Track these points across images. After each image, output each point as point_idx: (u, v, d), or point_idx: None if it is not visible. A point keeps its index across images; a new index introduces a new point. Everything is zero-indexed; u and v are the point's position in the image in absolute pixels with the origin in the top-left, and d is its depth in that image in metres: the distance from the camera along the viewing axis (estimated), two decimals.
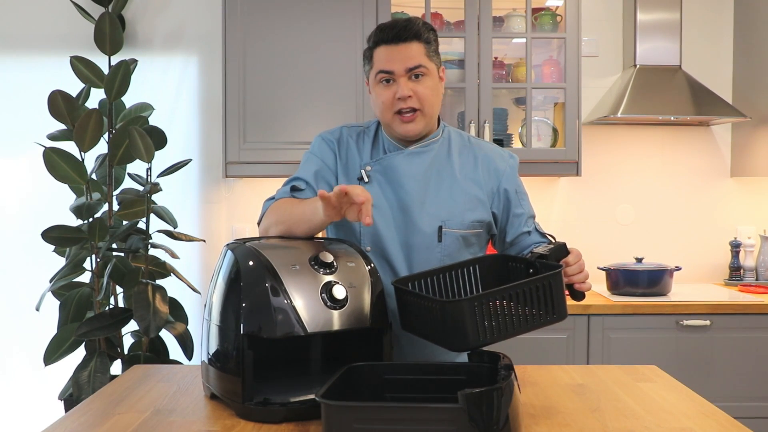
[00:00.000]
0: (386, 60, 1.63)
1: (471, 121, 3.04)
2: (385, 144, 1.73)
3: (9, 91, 3.32)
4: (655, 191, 3.45)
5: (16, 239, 3.31)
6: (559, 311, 1.35)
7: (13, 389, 3.34)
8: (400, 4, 3.16)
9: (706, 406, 1.41)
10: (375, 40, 1.66)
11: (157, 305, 2.63)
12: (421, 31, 1.64)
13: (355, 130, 1.77)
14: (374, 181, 1.69)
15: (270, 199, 1.69)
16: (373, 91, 1.69)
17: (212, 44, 3.29)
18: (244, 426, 1.29)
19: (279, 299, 1.31)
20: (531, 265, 1.48)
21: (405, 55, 1.62)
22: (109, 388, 1.54)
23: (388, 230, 1.67)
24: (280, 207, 1.63)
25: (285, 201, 1.65)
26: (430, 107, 1.66)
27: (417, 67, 1.62)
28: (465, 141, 1.78)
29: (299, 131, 3.02)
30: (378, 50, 1.65)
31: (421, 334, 1.42)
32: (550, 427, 1.27)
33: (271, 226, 1.61)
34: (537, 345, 2.83)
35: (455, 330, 1.28)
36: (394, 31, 1.63)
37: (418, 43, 1.63)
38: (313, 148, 1.76)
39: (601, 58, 3.39)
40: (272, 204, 1.66)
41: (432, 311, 1.33)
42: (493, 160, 1.76)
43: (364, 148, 1.73)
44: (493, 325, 1.28)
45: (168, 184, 3.02)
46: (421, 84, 1.63)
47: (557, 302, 1.35)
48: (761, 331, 2.87)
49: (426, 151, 1.71)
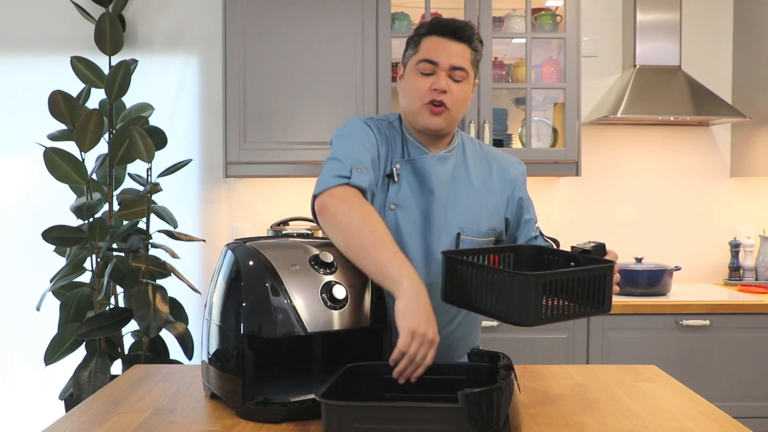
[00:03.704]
0: (434, 51, 1.62)
1: (471, 121, 3.04)
2: (408, 144, 1.69)
3: (9, 91, 3.33)
4: (655, 191, 3.45)
5: (16, 239, 3.32)
6: (608, 303, 1.36)
7: (13, 389, 3.34)
8: (400, 4, 3.17)
9: (706, 405, 1.41)
10: (428, 29, 1.65)
11: (157, 305, 2.63)
12: (475, 38, 1.64)
13: (384, 123, 1.71)
14: (403, 180, 1.66)
15: (339, 177, 1.50)
16: (408, 77, 1.66)
17: (212, 44, 3.29)
18: (244, 426, 1.29)
19: (279, 299, 1.31)
20: (573, 258, 1.47)
21: (454, 53, 1.61)
22: (109, 387, 1.54)
23: (412, 233, 1.64)
24: (364, 220, 1.45)
25: (369, 212, 1.47)
26: (457, 110, 1.64)
27: (461, 68, 1.61)
28: (477, 148, 1.78)
29: (299, 131, 3.02)
30: (428, 39, 1.64)
31: (469, 305, 1.40)
32: (550, 427, 1.27)
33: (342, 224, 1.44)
34: (537, 345, 2.83)
35: (518, 303, 1.27)
36: (450, 27, 1.63)
37: (468, 47, 1.63)
38: (357, 131, 1.65)
39: (601, 58, 3.40)
40: (346, 187, 1.49)
41: (494, 283, 1.32)
42: (506, 169, 1.77)
43: (395, 143, 1.69)
44: (552, 305, 1.29)
45: (168, 184, 3.03)
46: (457, 85, 1.62)
47: (608, 294, 1.36)
48: (761, 330, 2.87)
49: (450, 157, 1.70)
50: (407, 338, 1.29)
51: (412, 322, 1.30)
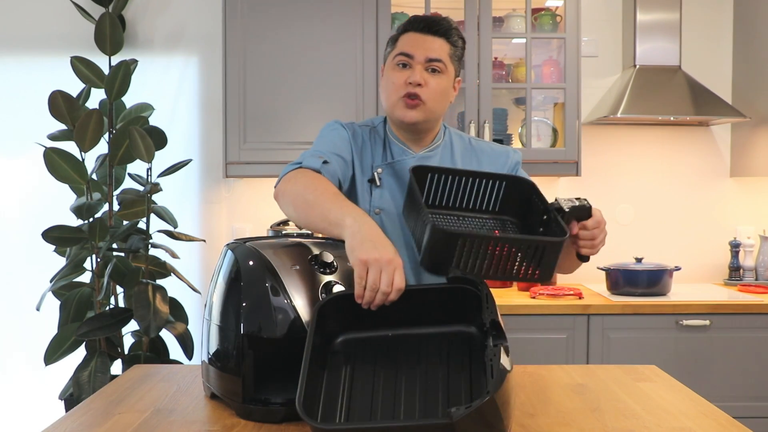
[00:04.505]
0: (410, 44, 1.64)
1: (471, 121, 3.04)
2: (392, 146, 1.71)
3: (9, 91, 3.33)
4: (655, 191, 3.45)
5: (16, 239, 3.32)
6: (542, 276, 1.36)
7: (13, 389, 3.34)
8: (400, 4, 3.17)
9: (706, 405, 1.41)
10: (405, 26, 1.67)
11: (157, 305, 2.63)
12: (452, 32, 1.66)
13: (367, 129, 1.74)
14: (385, 185, 1.68)
15: (295, 165, 1.59)
16: (387, 73, 1.68)
17: (212, 44, 3.29)
18: (244, 426, 1.29)
19: (279, 299, 1.31)
20: (547, 212, 1.46)
21: (430, 46, 1.63)
22: (109, 387, 1.54)
23: (398, 236, 1.65)
24: (309, 183, 1.49)
25: (315, 177, 1.53)
26: (434, 103, 1.64)
27: (437, 60, 1.62)
28: (466, 143, 1.78)
29: (299, 131, 3.02)
30: (405, 35, 1.66)
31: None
32: (550, 427, 1.27)
33: (291, 195, 1.50)
34: (537, 345, 2.83)
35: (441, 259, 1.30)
36: (426, 21, 1.65)
37: (445, 41, 1.65)
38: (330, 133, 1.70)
39: (601, 59, 3.40)
40: (299, 170, 1.56)
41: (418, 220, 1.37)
42: (497, 161, 1.76)
43: (376, 148, 1.71)
44: (480, 263, 1.31)
45: (168, 184, 3.03)
46: (434, 78, 1.63)
47: (543, 267, 1.35)
48: (761, 330, 2.87)
49: (434, 155, 1.71)
50: (361, 270, 1.24)
51: (361, 253, 1.26)
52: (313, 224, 1.43)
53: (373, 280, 1.24)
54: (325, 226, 1.39)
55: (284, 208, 1.54)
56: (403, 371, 1.27)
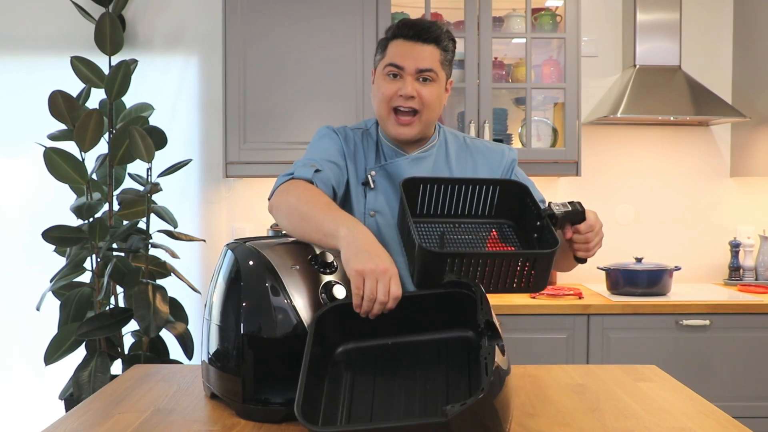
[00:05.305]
0: (400, 55, 1.61)
1: (471, 121, 3.04)
2: (385, 148, 1.71)
3: (9, 91, 3.33)
4: (655, 191, 3.45)
5: (16, 239, 3.32)
6: (536, 286, 1.37)
7: (13, 389, 3.34)
8: (400, 4, 3.17)
9: (706, 405, 1.41)
10: (394, 32, 1.64)
11: (157, 305, 2.63)
12: (442, 38, 1.62)
13: (359, 132, 1.73)
14: (379, 187, 1.67)
15: (287, 176, 1.58)
16: (377, 82, 1.66)
17: (212, 44, 3.29)
18: (244, 426, 1.29)
19: (279, 299, 1.31)
20: (540, 218, 1.45)
21: (419, 56, 1.60)
22: (109, 387, 1.54)
23: (394, 237, 1.64)
24: (302, 194, 1.47)
25: (308, 188, 1.51)
26: (429, 113, 1.64)
27: (428, 70, 1.61)
28: (461, 143, 1.77)
29: (299, 131, 3.02)
30: (394, 42, 1.63)
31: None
32: (550, 427, 1.27)
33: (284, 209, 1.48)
34: (537, 345, 2.83)
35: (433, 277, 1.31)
36: (415, 29, 1.61)
37: (436, 48, 1.62)
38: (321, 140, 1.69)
39: (601, 59, 3.40)
40: (291, 181, 1.54)
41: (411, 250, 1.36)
42: (492, 159, 1.75)
43: (369, 150, 1.71)
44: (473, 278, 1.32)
45: (168, 184, 3.03)
46: (426, 88, 1.62)
47: (536, 278, 1.35)
48: (761, 330, 2.87)
49: (428, 156, 1.70)
50: (358, 281, 1.24)
51: (356, 263, 1.25)
52: (309, 236, 1.42)
53: (370, 290, 1.24)
54: (320, 238, 1.38)
55: (279, 221, 1.52)
56: (402, 378, 1.27)
